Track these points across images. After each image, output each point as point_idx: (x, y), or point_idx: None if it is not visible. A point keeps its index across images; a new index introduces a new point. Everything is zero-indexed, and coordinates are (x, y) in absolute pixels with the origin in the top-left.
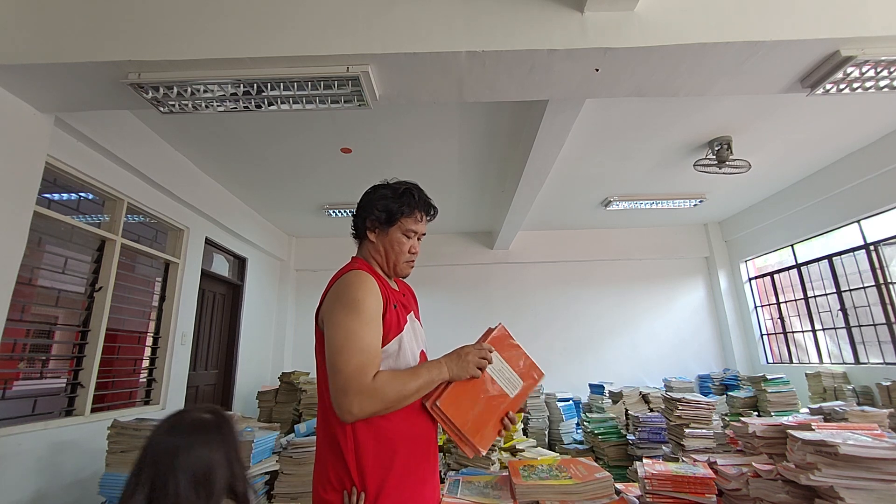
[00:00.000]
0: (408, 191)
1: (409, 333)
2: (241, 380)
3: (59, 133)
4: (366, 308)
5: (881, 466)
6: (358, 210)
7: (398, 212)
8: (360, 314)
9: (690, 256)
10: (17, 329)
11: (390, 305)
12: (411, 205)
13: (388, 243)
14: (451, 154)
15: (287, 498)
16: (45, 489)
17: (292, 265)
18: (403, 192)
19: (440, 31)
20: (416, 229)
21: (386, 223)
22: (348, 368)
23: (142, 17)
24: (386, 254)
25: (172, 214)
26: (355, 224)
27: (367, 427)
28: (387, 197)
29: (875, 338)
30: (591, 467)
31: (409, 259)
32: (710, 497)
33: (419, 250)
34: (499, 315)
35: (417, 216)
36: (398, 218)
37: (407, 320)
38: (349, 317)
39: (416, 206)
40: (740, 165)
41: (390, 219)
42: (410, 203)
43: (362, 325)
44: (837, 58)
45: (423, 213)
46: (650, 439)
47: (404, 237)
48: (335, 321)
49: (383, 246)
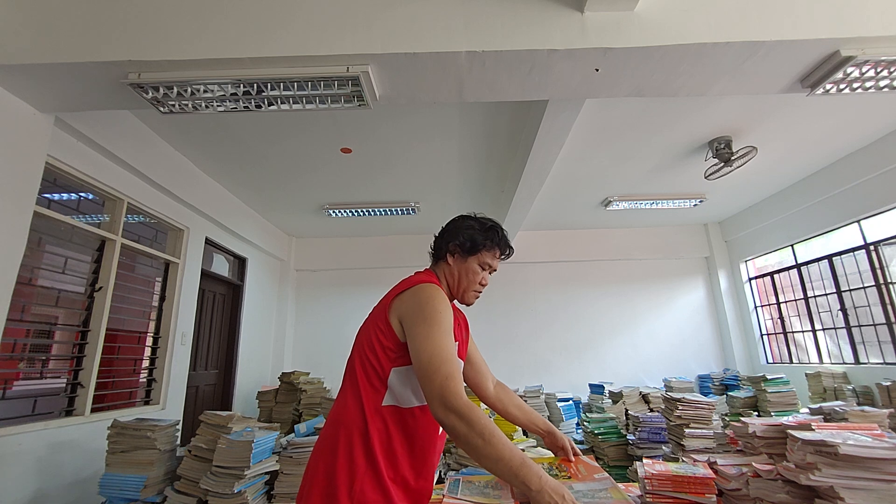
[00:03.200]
0: (493, 227)
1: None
2: (241, 380)
3: (59, 133)
4: (445, 320)
5: (881, 466)
6: (442, 233)
7: (481, 244)
8: (440, 325)
9: (690, 256)
10: (17, 329)
11: (455, 325)
12: (494, 240)
13: (463, 270)
14: (451, 154)
15: (287, 498)
16: (45, 489)
17: (292, 265)
18: (490, 227)
19: (440, 31)
20: (493, 264)
21: (468, 252)
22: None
23: (142, 17)
24: (459, 279)
25: (172, 214)
26: (437, 245)
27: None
28: (473, 228)
29: (875, 338)
30: (591, 467)
31: (477, 289)
32: (710, 497)
33: (488, 283)
34: (499, 315)
35: (496, 252)
36: (480, 249)
37: (458, 345)
38: (433, 328)
39: (498, 242)
40: (747, 153)
41: (473, 248)
42: (494, 238)
43: (444, 336)
44: (837, 58)
45: (501, 250)
46: (650, 439)
47: (479, 268)
48: (419, 332)
49: (458, 272)
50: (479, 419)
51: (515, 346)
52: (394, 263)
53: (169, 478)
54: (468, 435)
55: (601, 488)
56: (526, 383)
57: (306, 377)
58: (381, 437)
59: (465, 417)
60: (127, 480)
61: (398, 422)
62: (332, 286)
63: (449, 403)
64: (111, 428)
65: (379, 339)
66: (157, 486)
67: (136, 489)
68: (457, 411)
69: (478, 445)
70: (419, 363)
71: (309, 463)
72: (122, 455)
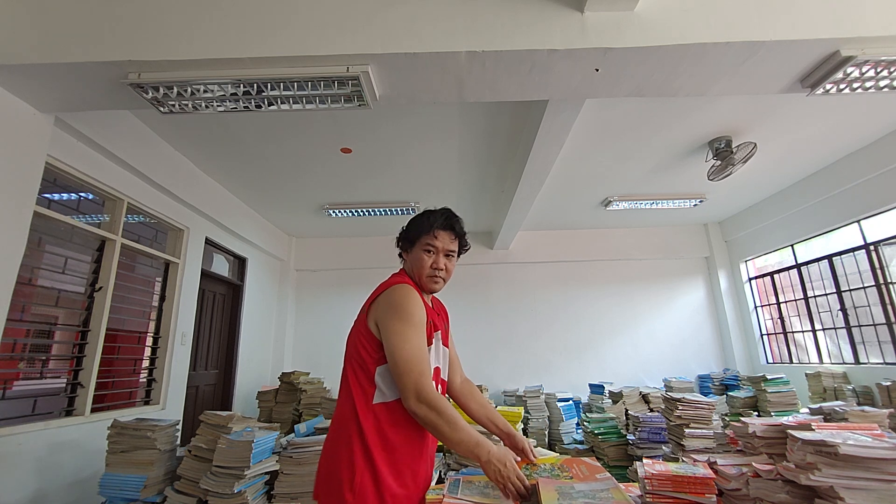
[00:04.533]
0: (428, 211)
1: (432, 350)
2: (241, 380)
3: (59, 133)
4: (416, 318)
5: (881, 466)
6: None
7: (416, 231)
8: (412, 324)
9: (690, 256)
10: (17, 329)
11: (428, 319)
12: (429, 221)
13: (414, 260)
14: (451, 154)
15: (287, 498)
16: (45, 489)
17: (292, 265)
18: (425, 212)
19: (440, 31)
20: (434, 244)
21: (410, 242)
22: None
23: (142, 18)
24: (413, 270)
25: (172, 214)
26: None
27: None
28: (413, 220)
29: (875, 338)
30: (593, 467)
31: (430, 274)
32: (710, 497)
33: (447, 266)
34: (499, 315)
35: (434, 232)
36: (417, 236)
37: (434, 337)
38: (406, 327)
39: (433, 222)
40: (749, 151)
41: (412, 237)
42: (429, 220)
43: (416, 334)
44: (837, 58)
45: (439, 228)
46: (650, 439)
47: (424, 254)
48: (393, 332)
49: (411, 263)
50: (445, 409)
51: (515, 346)
52: (394, 263)
53: (169, 478)
54: (437, 422)
55: (602, 488)
56: (526, 383)
57: (306, 377)
58: (375, 433)
59: (435, 408)
60: (127, 480)
61: (389, 417)
62: (332, 286)
63: (422, 397)
64: (111, 428)
65: (362, 343)
66: (157, 486)
67: (136, 489)
68: (428, 403)
69: (444, 431)
70: (394, 361)
71: (318, 462)
72: (122, 455)
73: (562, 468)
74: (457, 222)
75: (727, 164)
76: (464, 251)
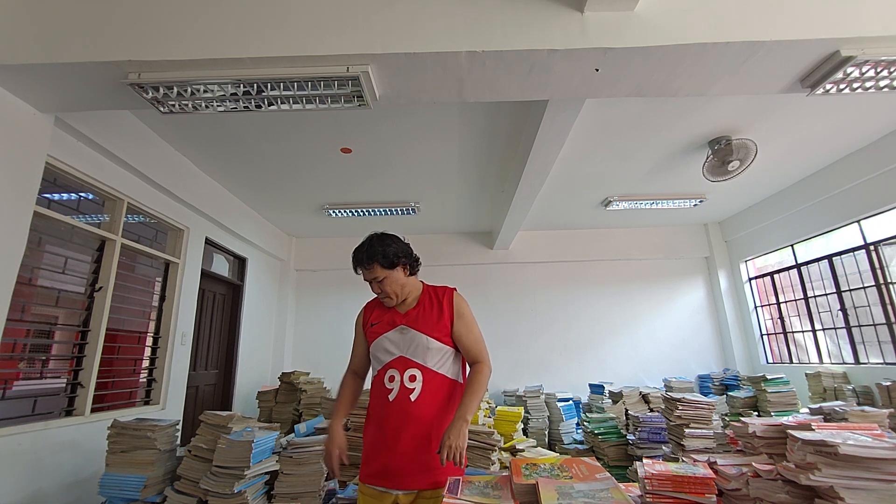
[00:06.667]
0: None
1: (381, 342)
2: (241, 380)
3: (59, 133)
4: (356, 325)
5: (881, 466)
6: None
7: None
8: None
9: (690, 256)
10: (17, 329)
11: (367, 326)
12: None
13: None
14: (451, 154)
15: (287, 498)
16: (45, 489)
17: (292, 265)
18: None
19: (440, 31)
20: (364, 278)
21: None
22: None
23: (142, 17)
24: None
25: (172, 214)
26: None
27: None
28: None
29: (875, 338)
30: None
31: (379, 299)
32: (710, 497)
33: (383, 289)
34: (499, 315)
35: (357, 272)
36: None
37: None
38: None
39: (353, 265)
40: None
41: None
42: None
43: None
44: (837, 58)
45: (356, 267)
46: (650, 439)
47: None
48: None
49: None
50: (340, 386)
51: (515, 346)
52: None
53: (169, 478)
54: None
55: (602, 488)
56: (526, 383)
57: (306, 377)
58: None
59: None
60: (127, 480)
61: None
62: (332, 286)
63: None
64: (111, 428)
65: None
66: (157, 486)
67: (136, 489)
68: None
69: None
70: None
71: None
72: (122, 455)
73: (562, 468)
74: (360, 260)
75: (723, 161)
76: (399, 263)
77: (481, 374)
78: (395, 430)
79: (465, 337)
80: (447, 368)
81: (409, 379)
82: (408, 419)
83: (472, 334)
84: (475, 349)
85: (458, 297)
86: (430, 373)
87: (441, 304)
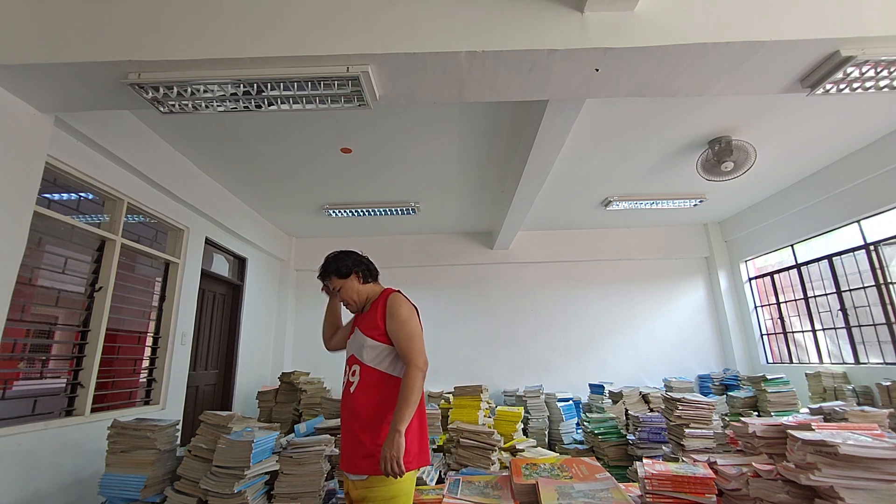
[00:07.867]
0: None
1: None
2: (241, 380)
3: (59, 133)
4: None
5: (881, 466)
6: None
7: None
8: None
9: (690, 256)
10: (17, 329)
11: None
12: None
13: None
14: (451, 154)
15: (287, 498)
16: (45, 489)
17: (292, 265)
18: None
19: (440, 31)
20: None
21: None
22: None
23: (142, 17)
24: None
25: (172, 214)
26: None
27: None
28: None
29: (875, 338)
30: (592, 467)
31: (343, 304)
32: (710, 497)
33: (342, 297)
34: (499, 315)
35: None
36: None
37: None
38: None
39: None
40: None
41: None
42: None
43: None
44: (837, 58)
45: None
46: (650, 439)
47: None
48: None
49: None
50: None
51: (515, 346)
52: (394, 263)
53: (169, 478)
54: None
55: (602, 488)
56: (526, 383)
57: (306, 377)
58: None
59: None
60: (127, 480)
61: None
62: None
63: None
64: (111, 428)
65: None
66: (157, 486)
67: (136, 489)
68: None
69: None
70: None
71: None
72: (121, 455)
73: (562, 468)
74: (321, 275)
75: (719, 159)
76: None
77: (408, 377)
78: (344, 419)
79: (395, 336)
80: (386, 365)
81: (352, 374)
82: (349, 410)
83: (401, 333)
84: (404, 348)
85: (394, 298)
86: (367, 368)
87: (377, 306)
